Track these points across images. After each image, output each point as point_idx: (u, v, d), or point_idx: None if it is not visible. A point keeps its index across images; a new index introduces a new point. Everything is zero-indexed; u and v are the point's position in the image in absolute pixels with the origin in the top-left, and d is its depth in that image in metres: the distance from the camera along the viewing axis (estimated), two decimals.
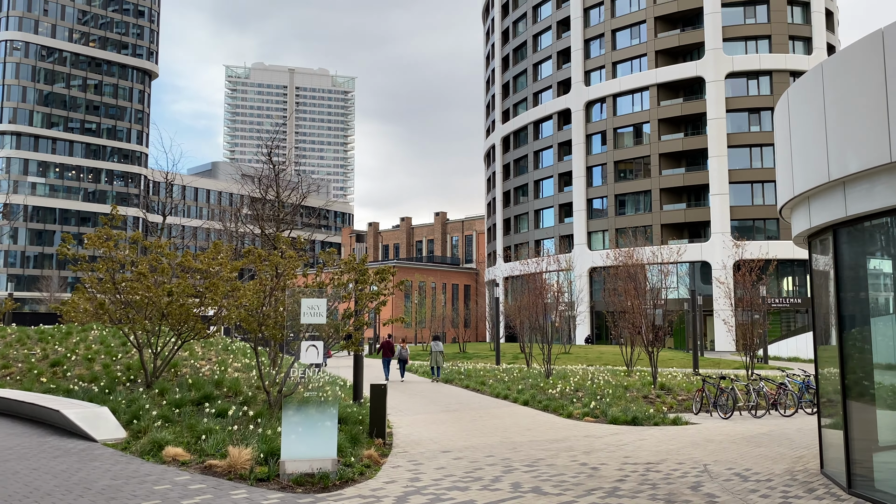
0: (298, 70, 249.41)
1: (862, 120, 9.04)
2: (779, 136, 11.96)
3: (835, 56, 9.73)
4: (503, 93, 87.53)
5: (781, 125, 11.70)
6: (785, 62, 64.98)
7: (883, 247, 9.91)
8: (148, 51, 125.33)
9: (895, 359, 9.53)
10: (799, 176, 10.77)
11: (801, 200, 11.22)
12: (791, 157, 11.05)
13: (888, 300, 9.86)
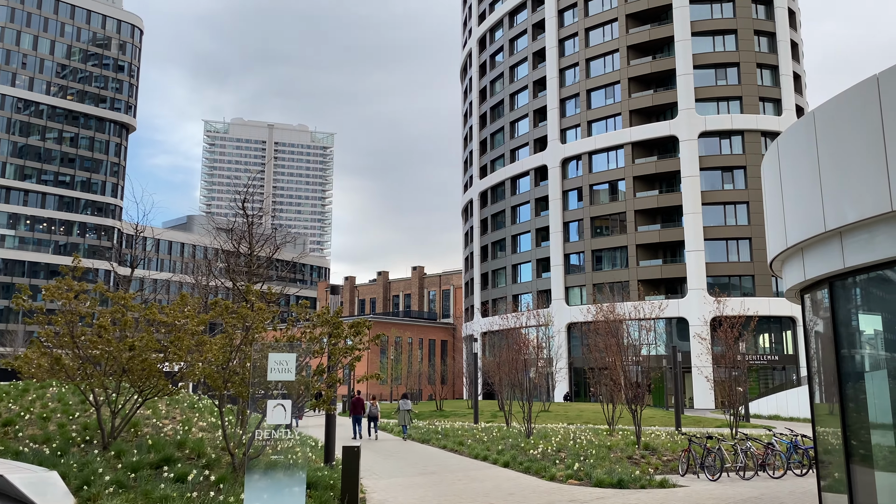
0: (278, 125, 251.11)
1: (859, 168, 8.72)
2: (768, 186, 11.65)
3: (827, 103, 9.48)
4: (481, 149, 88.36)
5: (771, 175, 11.40)
6: (756, 122, 66.44)
7: (885, 300, 9.48)
8: (126, 104, 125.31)
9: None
10: (792, 227, 10.39)
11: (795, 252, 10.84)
12: (783, 207, 10.71)
13: (893, 356, 9.39)
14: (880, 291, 9.49)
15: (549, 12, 76.97)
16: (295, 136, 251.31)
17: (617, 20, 71.70)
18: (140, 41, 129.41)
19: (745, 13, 68.15)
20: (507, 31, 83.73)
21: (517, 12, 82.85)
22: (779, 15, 68.90)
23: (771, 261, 11.71)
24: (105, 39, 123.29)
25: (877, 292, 9.56)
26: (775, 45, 68.62)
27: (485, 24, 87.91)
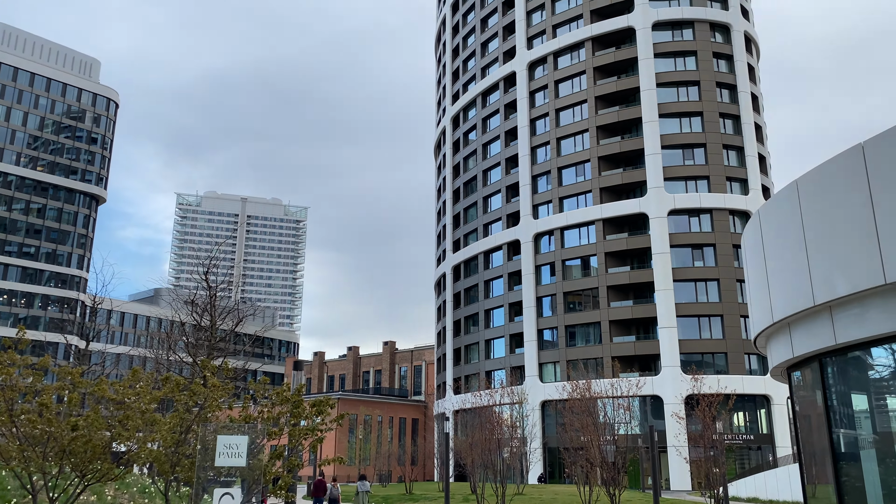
0: (251, 199, 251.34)
1: (848, 238, 8.34)
2: (750, 259, 11.26)
3: (810, 173, 9.19)
4: (454, 223, 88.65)
5: (753, 248, 11.03)
6: (724, 201, 67.68)
7: (881, 377, 8.96)
8: (97, 176, 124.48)
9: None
10: (778, 301, 9.94)
11: (781, 328, 10.35)
12: (767, 280, 10.28)
13: (891, 436, 8.79)
14: (876, 368, 8.98)
15: (521, 93, 78.92)
16: (268, 210, 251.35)
17: (587, 101, 73.62)
18: (115, 114, 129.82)
19: (710, 97, 70.44)
20: (481, 111, 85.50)
21: (490, 93, 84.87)
22: (742, 99, 71.33)
23: (755, 337, 11.19)
24: (80, 112, 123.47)
25: (872, 369, 9.05)
26: (740, 127, 70.74)
27: (458, 104, 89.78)
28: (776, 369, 11.39)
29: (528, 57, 79.03)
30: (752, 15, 78.38)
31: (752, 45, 76.49)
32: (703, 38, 72.07)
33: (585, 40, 74.81)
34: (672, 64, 72.07)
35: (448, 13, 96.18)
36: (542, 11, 79.94)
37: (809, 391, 10.37)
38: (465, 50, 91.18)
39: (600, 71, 74.16)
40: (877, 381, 9.03)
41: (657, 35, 72.26)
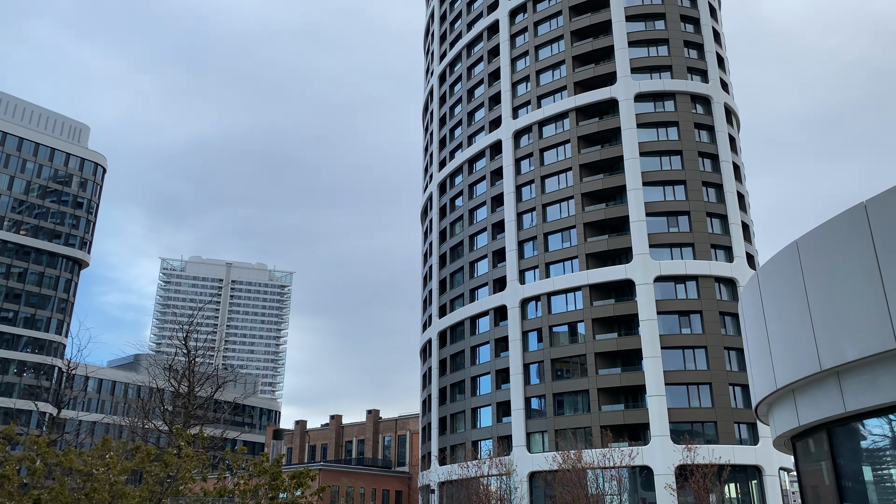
0: (236, 264, 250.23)
1: (854, 300, 8.02)
2: (749, 323, 10.91)
3: (811, 234, 8.94)
4: (440, 288, 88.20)
5: (752, 311, 10.69)
6: (709, 268, 67.91)
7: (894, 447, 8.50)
8: (81, 240, 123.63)
9: None
10: (781, 367, 9.55)
11: (785, 395, 9.93)
12: (769, 345, 9.91)
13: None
14: (890, 438, 8.52)
15: (507, 161, 79.93)
16: (253, 275, 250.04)
17: (571, 169, 74.57)
18: (102, 179, 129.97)
19: (692, 166, 71.58)
20: (467, 177, 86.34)
21: (476, 160, 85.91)
22: (724, 168, 72.54)
23: (756, 405, 10.74)
24: (67, 177, 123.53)
25: (886, 439, 8.59)
26: (723, 195, 71.68)
27: (445, 170, 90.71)
28: (780, 439, 10.89)
29: (514, 126, 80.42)
30: (731, 88, 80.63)
31: (733, 117, 78.39)
32: (685, 110, 73.78)
33: (569, 111, 76.37)
34: (655, 134, 73.50)
35: (436, 84, 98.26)
36: (527, 83, 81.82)
37: (816, 462, 9.86)
38: (452, 119, 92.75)
39: (584, 140, 75.45)
40: (891, 452, 8.57)
41: (639, 106, 73.91)
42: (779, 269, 9.63)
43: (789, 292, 9.25)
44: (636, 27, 77.27)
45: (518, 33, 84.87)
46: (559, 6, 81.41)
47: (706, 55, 76.94)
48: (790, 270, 9.16)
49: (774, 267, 9.83)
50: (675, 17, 77.32)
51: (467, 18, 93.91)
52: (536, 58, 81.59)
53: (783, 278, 9.52)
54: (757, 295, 10.30)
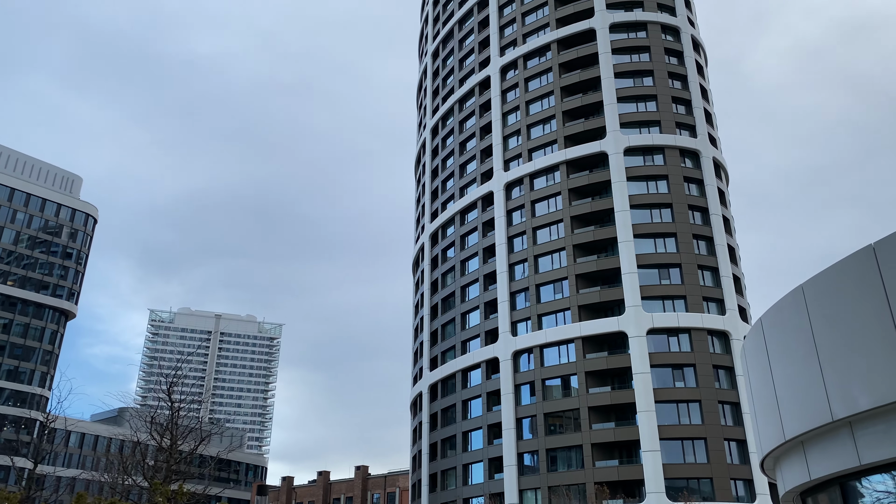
0: (225, 316, 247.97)
1: (866, 346, 7.70)
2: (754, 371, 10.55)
3: (817, 278, 8.66)
4: (431, 340, 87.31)
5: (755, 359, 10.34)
6: (701, 321, 67.58)
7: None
8: (69, 291, 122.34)
9: None
10: (789, 417, 9.15)
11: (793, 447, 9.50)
12: (775, 395, 9.53)
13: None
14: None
15: (499, 212, 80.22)
16: (242, 327, 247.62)
17: (563, 221, 74.84)
18: (93, 229, 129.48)
19: (683, 219, 71.95)
20: (459, 228, 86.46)
21: (468, 211, 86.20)
22: (715, 222, 72.92)
23: (762, 459, 10.27)
24: (57, 227, 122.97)
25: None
26: (714, 248, 71.87)
27: (437, 221, 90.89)
28: (788, 495, 10.40)
29: (506, 178, 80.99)
30: (720, 142, 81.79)
31: (721, 171, 79.27)
32: (674, 164, 74.59)
33: (560, 164, 77.08)
34: (645, 187, 74.07)
35: (428, 137, 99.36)
36: (518, 137, 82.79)
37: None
38: (444, 171, 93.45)
39: (575, 192, 75.95)
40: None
41: (629, 160, 74.69)
42: (784, 315, 9.33)
43: (796, 338, 8.92)
44: (625, 83, 78.71)
45: (509, 89, 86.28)
46: (549, 63, 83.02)
47: (694, 110, 78.25)
48: (796, 316, 8.86)
49: (779, 313, 9.53)
50: (662, 74, 78.86)
51: (459, 74, 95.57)
52: (527, 112, 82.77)
53: (789, 324, 9.21)
54: (761, 342, 9.96)
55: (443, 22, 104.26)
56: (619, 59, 79.82)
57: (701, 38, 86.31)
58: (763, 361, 9.96)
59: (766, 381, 9.88)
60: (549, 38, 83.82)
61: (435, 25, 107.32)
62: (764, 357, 9.91)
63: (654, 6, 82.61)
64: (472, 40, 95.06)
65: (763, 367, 9.97)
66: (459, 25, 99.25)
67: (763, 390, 10.08)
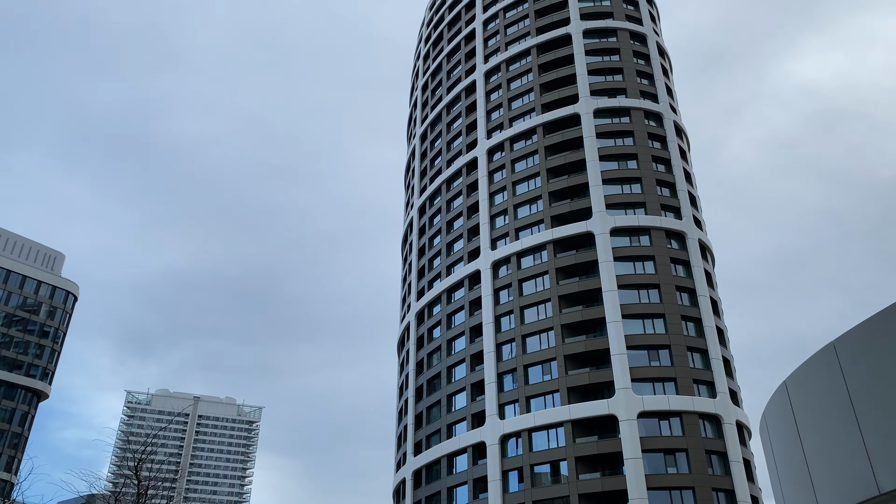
0: (205, 398, 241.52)
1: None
2: (778, 444, 9.62)
3: (851, 332, 7.93)
4: (416, 423, 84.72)
5: (780, 430, 9.44)
6: (693, 404, 66.12)
7: None
8: (44, 371, 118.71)
9: None
10: (826, 492, 8.20)
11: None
12: (806, 467, 8.60)
13: None
14: None
15: (486, 291, 79.56)
16: (221, 409, 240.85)
17: (550, 300, 74.20)
18: (72, 308, 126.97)
19: (671, 300, 71.50)
20: (445, 307, 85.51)
21: (455, 290, 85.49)
22: (702, 303, 72.54)
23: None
24: (36, 305, 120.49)
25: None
26: (702, 330, 71.18)
27: (423, 300, 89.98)
28: None
29: (493, 257, 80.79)
30: (705, 225, 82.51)
31: (707, 253, 79.60)
32: (660, 245, 74.80)
33: (547, 243, 77.17)
34: (632, 267, 73.98)
35: (416, 216, 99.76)
36: (505, 216, 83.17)
37: None
38: (432, 249, 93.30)
39: (562, 272, 75.67)
40: None
41: (616, 240, 74.89)
42: (813, 377, 8.53)
43: (829, 402, 8.10)
44: (610, 166, 79.89)
45: (496, 170, 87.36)
46: (535, 145, 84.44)
47: (678, 193, 79.21)
48: (828, 376, 8.07)
49: (807, 375, 8.73)
50: (646, 158, 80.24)
51: (447, 155, 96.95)
52: (514, 193, 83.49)
53: (820, 387, 8.40)
54: (787, 408, 9.11)
55: (431, 106, 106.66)
56: (603, 142, 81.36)
57: (683, 123, 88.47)
58: (790, 430, 9.08)
59: (794, 452, 8.98)
60: (535, 121, 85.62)
61: (424, 109, 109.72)
62: (791, 425, 9.04)
63: (637, 93, 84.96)
64: (460, 123, 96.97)
65: (790, 436, 9.09)
66: (448, 109, 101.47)
67: (791, 463, 9.16)
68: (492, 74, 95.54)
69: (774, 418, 9.76)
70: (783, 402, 9.41)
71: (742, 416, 69.83)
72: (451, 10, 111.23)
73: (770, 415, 9.92)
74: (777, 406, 9.70)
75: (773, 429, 9.83)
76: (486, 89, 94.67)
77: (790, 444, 9.21)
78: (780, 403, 9.57)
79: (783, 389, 9.42)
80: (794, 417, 9.05)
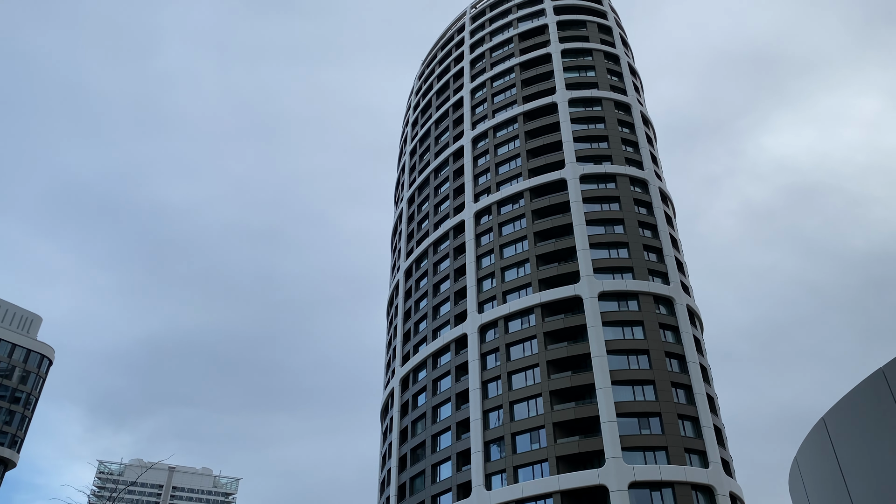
0: (180, 468, 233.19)
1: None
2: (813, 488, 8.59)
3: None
4: (399, 495, 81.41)
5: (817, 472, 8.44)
6: (685, 474, 64.07)
7: None
8: (12, 438, 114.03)
9: None
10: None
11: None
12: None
13: None
14: None
15: (473, 355, 77.94)
16: (196, 481, 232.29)
17: (538, 365, 72.69)
18: (46, 372, 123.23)
19: (660, 366, 70.25)
20: (431, 372, 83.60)
21: (441, 354, 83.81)
22: (692, 370, 71.27)
23: None
24: (8, 369, 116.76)
25: None
26: (693, 397, 69.71)
27: (409, 364, 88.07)
28: None
29: (480, 320, 79.59)
30: (692, 291, 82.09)
31: (696, 320, 78.89)
32: (649, 310, 74.04)
33: (535, 306, 76.21)
34: (621, 332, 72.93)
35: (402, 279, 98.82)
36: (493, 279, 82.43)
37: None
38: (417, 312, 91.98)
39: (551, 336, 74.48)
40: None
41: (604, 305, 74.10)
42: (859, 408, 7.60)
43: (828, 482, 7.10)
44: (596, 230, 79.86)
45: (483, 233, 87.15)
46: (522, 209, 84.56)
47: (665, 258, 79.05)
48: (877, 406, 7.14)
49: (850, 408, 7.79)
50: (633, 223, 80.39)
51: (434, 219, 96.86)
52: (501, 256, 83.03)
53: (819, 465, 7.42)
54: (826, 445, 8.13)
55: (419, 170, 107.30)
56: (590, 207, 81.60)
57: (668, 190, 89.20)
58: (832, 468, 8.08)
59: (837, 492, 7.95)
60: (522, 186, 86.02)
61: (412, 174, 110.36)
62: (832, 463, 8.05)
63: (622, 160, 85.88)
64: (448, 187, 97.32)
65: (832, 475, 8.07)
66: (435, 173, 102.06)
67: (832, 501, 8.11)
68: (479, 140, 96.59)
69: (808, 460, 8.76)
70: (822, 440, 8.43)
71: (735, 486, 67.70)
72: (440, 79, 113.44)
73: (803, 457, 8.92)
74: (812, 447, 8.72)
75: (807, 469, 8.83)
76: (474, 154, 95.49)
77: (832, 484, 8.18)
78: (816, 443, 8.60)
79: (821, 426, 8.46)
80: (836, 454, 8.06)
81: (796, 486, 8.94)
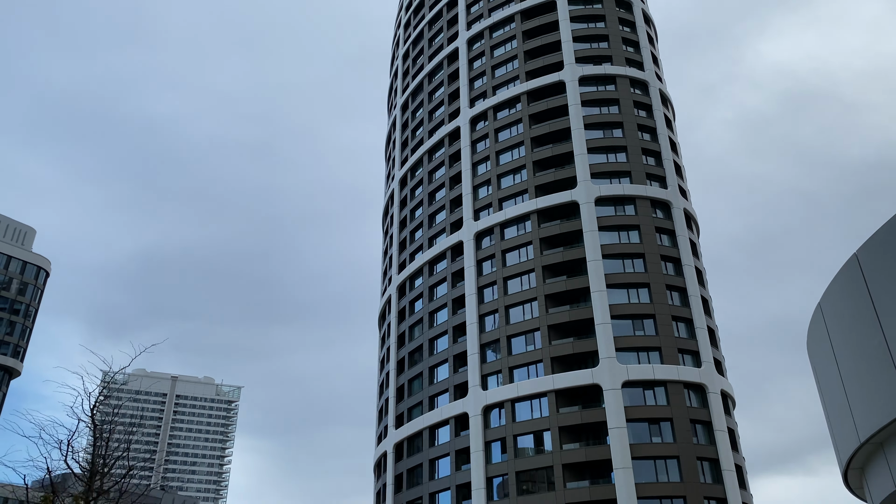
0: (182, 377, 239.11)
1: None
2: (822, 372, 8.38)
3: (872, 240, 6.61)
4: (397, 396, 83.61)
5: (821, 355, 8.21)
6: (677, 373, 65.60)
7: None
8: (15, 348, 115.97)
9: None
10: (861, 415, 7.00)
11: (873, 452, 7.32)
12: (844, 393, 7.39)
13: None
14: None
15: (469, 262, 78.26)
16: (199, 389, 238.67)
17: (534, 271, 73.10)
18: (44, 283, 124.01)
19: (655, 269, 70.62)
20: (427, 279, 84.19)
21: (437, 262, 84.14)
22: (687, 272, 71.79)
23: (844, 471, 8.00)
24: (6, 281, 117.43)
25: None
26: (687, 300, 70.50)
27: (405, 272, 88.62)
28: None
29: (475, 227, 79.46)
30: (690, 195, 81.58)
31: (692, 223, 78.79)
32: (645, 214, 73.82)
33: (531, 213, 75.90)
34: (617, 237, 72.98)
35: (396, 188, 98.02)
36: (489, 186, 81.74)
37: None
38: (413, 221, 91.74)
39: (546, 242, 74.53)
40: None
41: (600, 210, 73.81)
42: (842, 293, 7.27)
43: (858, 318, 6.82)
44: (595, 135, 78.53)
45: (479, 139, 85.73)
46: (519, 114, 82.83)
47: (664, 162, 78.15)
48: (855, 292, 6.79)
49: (836, 291, 7.46)
50: (632, 126, 78.98)
51: (429, 126, 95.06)
52: (497, 162, 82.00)
53: (848, 303, 7.12)
54: (823, 332, 7.86)
55: (412, 75, 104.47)
56: (588, 111, 79.93)
57: (668, 92, 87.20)
58: (828, 355, 7.84)
59: (832, 377, 7.77)
60: (519, 90, 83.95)
61: (405, 79, 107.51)
62: (828, 349, 7.80)
63: (623, 60, 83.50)
64: (442, 92, 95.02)
65: (828, 361, 7.85)
66: (429, 78, 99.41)
67: (832, 390, 7.96)
68: (475, 42, 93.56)
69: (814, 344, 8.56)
70: (819, 327, 8.15)
71: (726, 385, 69.50)
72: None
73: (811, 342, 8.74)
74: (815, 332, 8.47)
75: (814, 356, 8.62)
76: (469, 57, 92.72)
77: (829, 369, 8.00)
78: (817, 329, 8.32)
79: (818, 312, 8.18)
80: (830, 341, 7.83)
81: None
